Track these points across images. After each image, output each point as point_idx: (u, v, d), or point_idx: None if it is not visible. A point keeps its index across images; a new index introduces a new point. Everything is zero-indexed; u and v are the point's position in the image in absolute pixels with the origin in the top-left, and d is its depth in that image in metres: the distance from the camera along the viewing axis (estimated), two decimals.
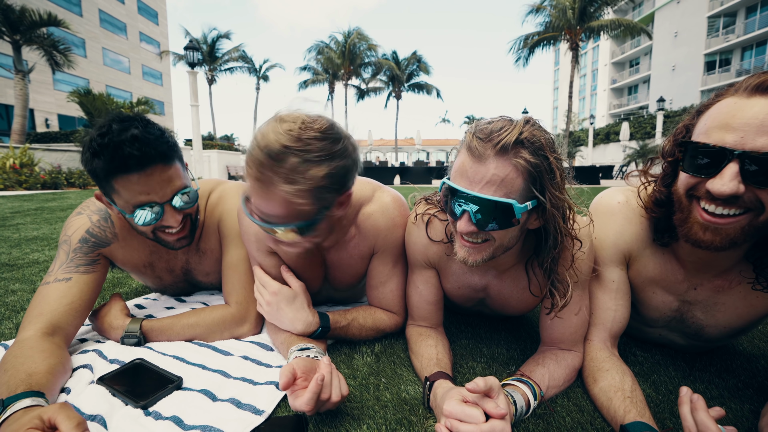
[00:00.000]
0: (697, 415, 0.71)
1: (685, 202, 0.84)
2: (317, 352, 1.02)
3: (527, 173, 0.80)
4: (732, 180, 0.72)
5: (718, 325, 1.04)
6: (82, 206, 1.24)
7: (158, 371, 1.01)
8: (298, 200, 0.85)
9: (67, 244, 1.17)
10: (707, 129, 0.77)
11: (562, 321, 1.02)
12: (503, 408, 0.75)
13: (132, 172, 0.99)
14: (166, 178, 1.05)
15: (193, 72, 11.64)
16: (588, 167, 14.76)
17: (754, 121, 0.69)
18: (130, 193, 1.02)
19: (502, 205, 0.80)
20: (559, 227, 0.87)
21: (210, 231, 1.38)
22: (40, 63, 16.49)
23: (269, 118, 0.88)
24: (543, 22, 21.66)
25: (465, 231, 0.85)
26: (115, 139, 0.95)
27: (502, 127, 0.79)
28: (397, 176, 15.57)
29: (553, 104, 61.42)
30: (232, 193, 1.39)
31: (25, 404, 0.75)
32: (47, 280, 1.11)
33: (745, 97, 0.72)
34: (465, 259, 0.91)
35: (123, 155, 0.96)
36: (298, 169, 0.82)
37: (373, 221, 1.17)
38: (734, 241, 0.80)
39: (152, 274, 1.42)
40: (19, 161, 8.95)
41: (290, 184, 0.83)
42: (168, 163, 1.06)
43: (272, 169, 0.82)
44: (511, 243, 0.91)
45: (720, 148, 0.73)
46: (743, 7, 27.76)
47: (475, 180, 0.81)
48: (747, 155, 0.70)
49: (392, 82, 31.72)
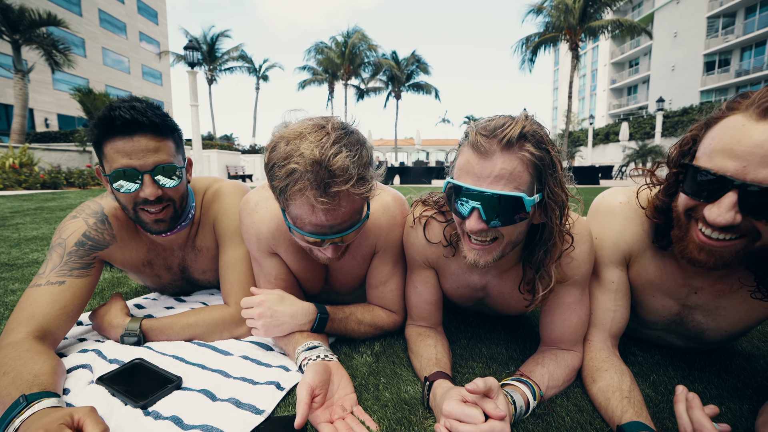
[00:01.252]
0: (693, 413, 0.72)
1: (684, 220, 0.84)
2: (325, 350, 1.03)
3: (533, 166, 0.80)
4: (729, 211, 0.70)
5: (719, 328, 1.03)
6: (77, 210, 1.23)
7: (158, 371, 1.02)
8: (364, 196, 0.90)
9: (61, 247, 1.14)
10: (711, 151, 0.74)
11: (562, 321, 1.03)
12: (503, 409, 0.75)
13: (119, 135, 1.04)
14: (151, 148, 1.07)
15: (193, 72, 11.63)
16: (587, 167, 14.76)
17: (758, 151, 0.66)
18: (114, 155, 1.05)
19: (512, 200, 0.80)
20: (555, 222, 0.88)
21: (206, 228, 1.38)
22: (39, 63, 16.48)
23: (281, 139, 0.85)
24: (543, 22, 21.69)
25: (475, 229, 0.84)
26: (113, 106, 1.04)
27: (504, 123, 0.80)
28: (396, 176, 15.57)
29: (553, 104, 61.44)
30: (228, 192, 1.37)
31: (51, 403, 0.76)
32: (38, 282, 1.08)
33: (754, 120, 0.68)
34: (476, 261, 0.91)
35: (113, 116, 1.02)
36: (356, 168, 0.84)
37: (375, 220, 1.17)
38: (727, 263, 0.81)
39: (151, 273, 1.42)
40: (18, 161, 8.95)
41: (358, 185, 0.85)
42: (158, 135, 1.09)
43: (338, 179, 0.81)
44: (518, 239, 0.91)
45: (720, 176, 0.71)
46: (743, 8, 27.78)
47: (483, 176, 0.80)
48: (747, 186, 0.68)
49: (392, 82, 31.72)
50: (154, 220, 1.16)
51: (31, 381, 0.82)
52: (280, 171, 0.83)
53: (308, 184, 0.81)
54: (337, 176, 0.81)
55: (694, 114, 22.26)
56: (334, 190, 0.82)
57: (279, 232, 1.15)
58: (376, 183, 1.24)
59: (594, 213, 1.10)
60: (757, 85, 27.48)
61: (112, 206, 1.23)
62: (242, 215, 1.20)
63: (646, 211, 0.98)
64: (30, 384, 0.81)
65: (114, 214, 1.22)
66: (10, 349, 0.92)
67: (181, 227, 1.28)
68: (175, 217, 1.21)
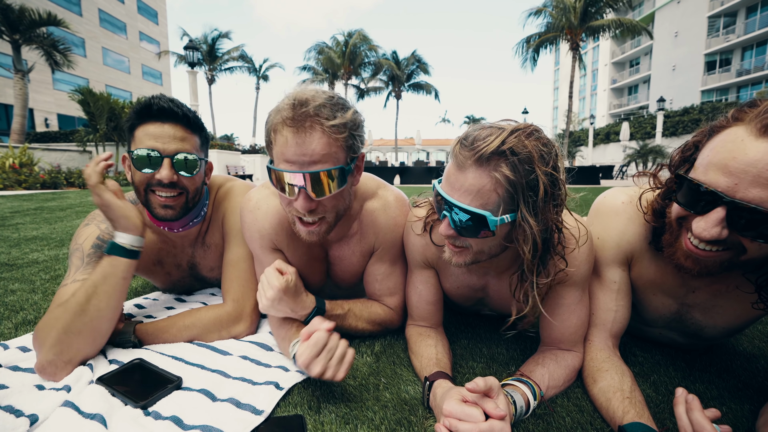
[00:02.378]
0: (693, 415, 0.72)
1: (675, 226, 0.86)
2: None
3: (503, 188, 0.77)
4: (715, 226, 0.72)
5: (716, 326, 1.04)
6: (88, 218, 1.27)
7: (158, 371, 1.02)
8: (335, 135, 0.91)
9: (79, 251, 1.18)
10: (708, 163, 0.74)
11: (562, 321, 1.02)
12: (503, 409, 0.75)
13: (152, 120, 1.13)
14: (178, 137, 1.15)
15: (193, 72, 11.64)
16: (588, 167, 14.74)
17: (751, 169, 0.66)
18: (143, 137, 1.13)
19: (476, 216, 0.79)
20: (529, 246, 0.82)
21: (215, 225, 1.41)
22: (39, 62, 16.49)
23: (285, 95, 0.94)
24: (544, 23, 21.68)
25: (444, 234, 0.87)
26: (153, 96, 1.14)
27: (486, 136, 0.77)
28: (397, 176, 15.56)
29: (553, 104, 61.42)
30: (239, 191, 1.41)
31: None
32: (65, 283, 1.12)
33: (754, 136, 0.68)
34: (450, 259, 0.94)
35: (150, 104, 1.13)
36: (332, 108, 0.91)
37: (374, 218, 1.18)
38: (711, 272, 0.82)
39: (161, 271, 1.45)
40: (18, 161, 8.95)
41: (327, 119, 0.89)
42: (187, 127, 1.17)
43: (309, 108, 0.88)
44: (493, 251, 0.91)
45: (711, 191, 0.71)
46: (743, 7, 27.75)
47: (455, 187, 0.81)
48: (735, 204, 0.69)
49: (392, 81, 31.69)
50: (163, 204, 1.18)
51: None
52: (269, 117, 0.94)
53: (283, 113, 0.90)
54: (309, 104, 0.89)
55: (695, 114, 22.24)
56: (302, 111, 0.88)
57: (281, 228, 1.16)
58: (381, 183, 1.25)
59: (596, 213, 1.10)
60: (758, 85, 27.48)
61: None
62: (243, 213, 1.20)
63: (645, 214, 0.99)
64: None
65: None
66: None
67: (193, 223, 1.32)
68: (185, 209, 1.23)
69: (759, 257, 0.77)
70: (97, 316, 1.03)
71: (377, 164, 19.46)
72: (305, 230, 1.03)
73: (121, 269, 1.09)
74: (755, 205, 0.67)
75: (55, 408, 0.87)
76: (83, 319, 1.01)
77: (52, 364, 0.98)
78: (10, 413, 0.84)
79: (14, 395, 0.92)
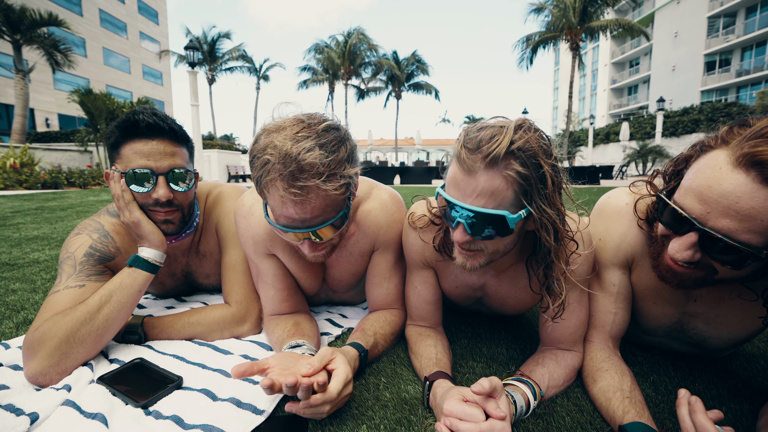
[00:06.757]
0: (696, 416, 0.71)
1: (660, 240, 0.88)
2: (309, 348, 1.03)
3: (518, 184, 0.77)
4: (687, 250, 0.77)
5: (721, 336, 1.02)
6: (79, 227, 1.24)
7: (158, 371, 1.02)
8: (335, 193, 0.88)
9: (71, 260, 1.15)
10: (688, 187, 0.76)
11: (562, 321, 1.02)
12: (503, 409, 0.75)
13: (139, 137, 1.09)
14: (168, 152, 1.13)
15: (194, 72, 11.63)
16: (588, 167, 14.73)
17: (723, 201, 0.68)
18: (132, 156, 1.09)
19: (494, 217, 0.79)
20: (551, 234, 0.85)
21: (209, 233, 1.40)
22: (40, 62, 16.53)
23: (263, 131, 0.87)
24: (544, 22, 21.69)
25: (460, 241, 0.86)
26: (136, 111, 1.10)
27: (492, 137, 0.76)
28: (397, 176, 15.56)
29: (553, 104, 61.37)
30: (229, 195, 1.41)
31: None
32: (57, 290, 1.08)
33: (730, 165, 0.68)
34: (463, 264, 0.92)
35: (135, 120, 1.08)
36: (328, 165, 0.84)
37: (374, 217, 1.18)
38: (687, 286, 0.86)
39: (155, 281, 1.44)
40: (19, 161, 8.96)
41: (328, 181, 0.85)
42: (174, 141, 1.15)
43: (306, 174, 0.82)
44: (507, 248, 0.91)
45: (685, 217, 0.75)
46: (743, 8, 27.75)
47: (467, 192, 0.80)
48: (706, 232, 0.72)
49: (392, 81, 31.70)
50: (163, 220, 1.18)
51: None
52: (257, 162, 0.86)
53: (278, 176, 0.83)
54: (305, 170, 0.82)
55: (695, 114, 22.21)
56: (300, 184, 0.83)
57: (275, 234, 1.15)
58: (373, 183, 1.25)
59: (599, 213, 1.09)
60: (757, 86, 27.47)
61: (111, 222, 1.24)
62: (237, 218, 1.20)
63: (638, 220, 0.99)
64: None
65: (114, 230, 1.23)
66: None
67: (186, 234, 1.30)
68: (183, 222, 1.24)
69: (731, 277, 0.81)
70: (104, 326, 1.03)
71: (377, 164, 19.46)
72: (312, 255, 1.03)
73: (139, 281, 1.11)
74: (722, 235, 0.70)
75: (55, 407, 0.87)
76: (90, 327, 1.00)
77: (44, 375, 0.95)
78: (11, 412, 0.85)
79: (15, 394, 0.92)
